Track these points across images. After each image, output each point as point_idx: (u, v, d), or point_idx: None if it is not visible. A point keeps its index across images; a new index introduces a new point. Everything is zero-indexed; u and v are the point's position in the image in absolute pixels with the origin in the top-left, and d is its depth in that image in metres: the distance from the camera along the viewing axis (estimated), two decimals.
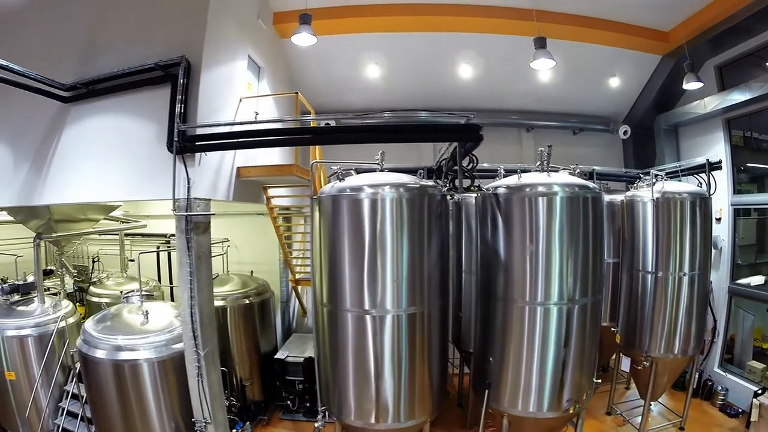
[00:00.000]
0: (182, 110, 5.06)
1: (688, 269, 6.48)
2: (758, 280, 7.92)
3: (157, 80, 5.30)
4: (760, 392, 6.96)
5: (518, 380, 4.82)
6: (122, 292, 7.04)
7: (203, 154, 5.32)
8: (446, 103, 9.12)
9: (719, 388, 7.95)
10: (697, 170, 8.15)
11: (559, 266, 4.59)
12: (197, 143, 5.11)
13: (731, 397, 7.78)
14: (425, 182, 4.77)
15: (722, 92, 8.11)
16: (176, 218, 5.11)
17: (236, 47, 6.36)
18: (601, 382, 5.25)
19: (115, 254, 10.00)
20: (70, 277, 9.37)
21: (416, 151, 9.83)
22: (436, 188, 4.88)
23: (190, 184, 5.03)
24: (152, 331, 5.66)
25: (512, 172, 5.31)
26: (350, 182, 4.67)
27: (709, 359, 8.37)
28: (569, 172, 5.00)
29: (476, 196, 5.56)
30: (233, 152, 6.09)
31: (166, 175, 5.09)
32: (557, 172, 4.95)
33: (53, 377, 6.33)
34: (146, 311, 6.00)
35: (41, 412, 6.33)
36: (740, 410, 7.49)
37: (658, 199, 6.42)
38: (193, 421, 5.40)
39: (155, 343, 5.52)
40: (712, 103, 8.19)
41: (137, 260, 6.82)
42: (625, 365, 7.86)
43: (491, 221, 4.98)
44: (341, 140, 5.59)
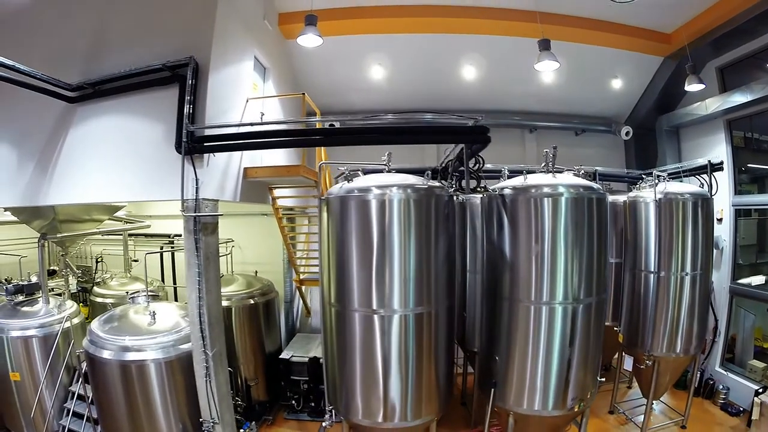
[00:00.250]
0: (191, 111, 5.09)
1: (690, 269, 6.52)
2: (759, 279, 7.99)
3: (164, 81, 5.32)
4: (761, 391, 7.02)
5: (524, 379, 4.85)
6: (128, 292, 7.06)
7: (211, 154, 5.34)
8: (449, 104, 9.14)
9: (720, 387, 8.00)
10: (698, 171, 8.21)
11: (564, 266, 4.62)
12: (206, 144, 5.14)
13: (732, 395, 7.84)
14: (432, 183, 4.78)
15: (723, 94, 8.18)
16: (185, 219, 5.12)
17: (243, 48, 6.39)
18: (604, 380, 5.29)
19: (118, 254, 10.00)
20: (74, 277, 9.37)
21: (420, 152, 9.88)
22: (443, 189, 4.89)
23: (198, 184, 5.05)
24: (160, 331, 5.66)
25: (516, 173, 5.32)
26: (358, 183, 4.67)
27: (710, 358, 8.42)
28: (573, 173, 5.04)
29: (482, 196, 5.59)
30: (240, 153, 6.10)
31: (172, 175, 5.11)
32: (562, 173, 4.98)
33: (58, 378, 6.32)
34: (153, 312, 5.98)
35: (46, 413, 6.32)
36: (741, 409, 7.55)
37: (660, 199, 6.47)
38: (201, 421, 5.41)
39: (163, 343, 5.52)
40: (713, 104, 8.26)
41: (143, 261, 6.84)
42: (627, 364, 7.89)
43: (497, 221, 5.01)
44: (351, 142, 5.58)
